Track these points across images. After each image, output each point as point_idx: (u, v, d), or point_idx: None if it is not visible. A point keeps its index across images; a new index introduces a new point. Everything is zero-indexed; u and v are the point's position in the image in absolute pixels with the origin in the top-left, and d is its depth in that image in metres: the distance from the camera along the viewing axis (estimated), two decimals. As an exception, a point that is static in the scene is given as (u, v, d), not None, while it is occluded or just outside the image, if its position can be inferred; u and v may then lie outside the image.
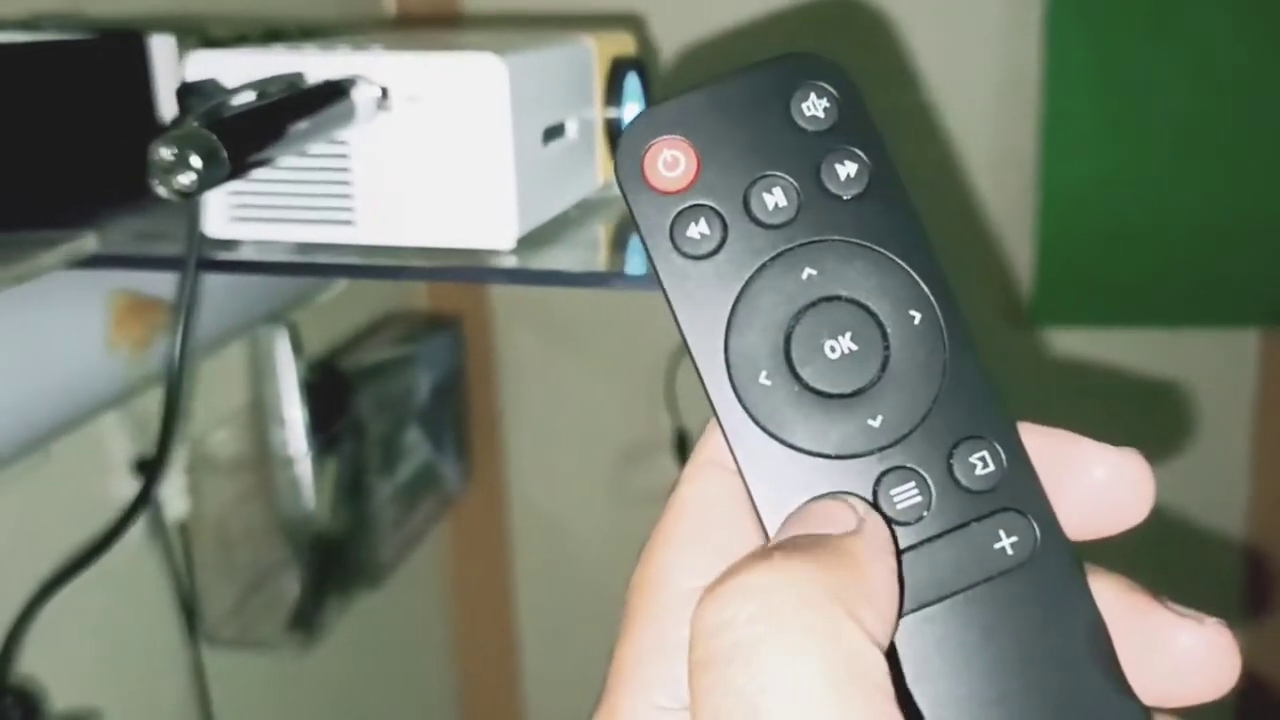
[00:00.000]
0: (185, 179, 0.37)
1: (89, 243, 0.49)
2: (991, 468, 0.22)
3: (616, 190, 0.23)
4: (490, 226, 0.50)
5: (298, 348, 0.87)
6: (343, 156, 0.49)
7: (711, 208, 0.23)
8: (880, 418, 0.23)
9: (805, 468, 0.23)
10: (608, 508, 1.23)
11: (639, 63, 0.62)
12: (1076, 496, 0.23)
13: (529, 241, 0.53)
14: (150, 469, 0.55)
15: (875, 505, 0.23)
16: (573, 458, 1.24)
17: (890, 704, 0.19)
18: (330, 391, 0.94)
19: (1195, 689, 0.22)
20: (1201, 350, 1.13)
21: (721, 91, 0.24)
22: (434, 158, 0.49)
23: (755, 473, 0.23)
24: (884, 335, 0.23)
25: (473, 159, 0.49)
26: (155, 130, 0.57)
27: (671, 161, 0.23)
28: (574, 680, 1.27)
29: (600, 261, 0.57)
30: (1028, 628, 0.22)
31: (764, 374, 0.23)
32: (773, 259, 0.23)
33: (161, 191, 0.37)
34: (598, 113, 0.59)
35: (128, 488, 0.72)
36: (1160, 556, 1.14)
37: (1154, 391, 1.15)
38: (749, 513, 0.23)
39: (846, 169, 0.23)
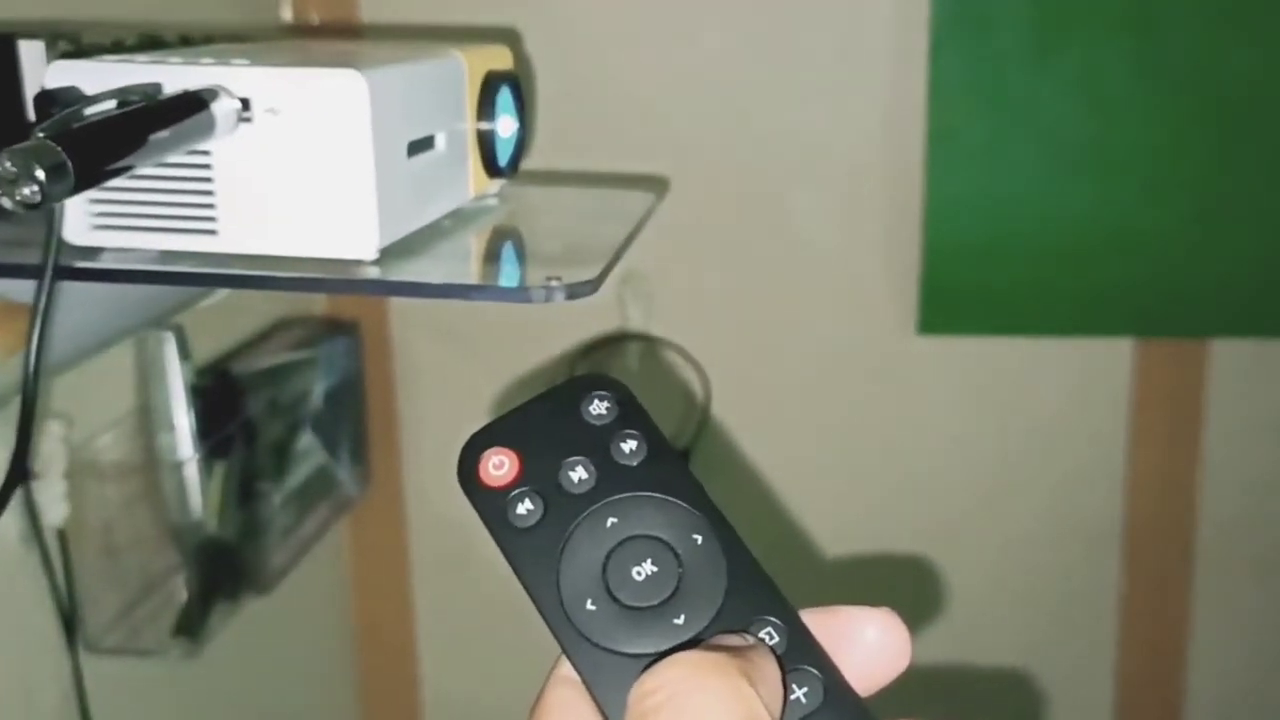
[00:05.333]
0: (28, 190, 0.37)
1: (-55, 250, 0.49)
2: (778, 638, 0.29)
3: (490, 201, 0.26)
4: (352, 237, 0.51)
5: (185, 352, 0.86)
6: (205, 166, 0.50)
7: (534, 491, 0.30)
8: (683, 616, 0.29)
9: (631, 666, 0.28)
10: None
11: (512, 76, 0.63)
12: (856, 656, 0.29)
13: (396, 252, 0.54)
14: (6, 484, 0.55)
15: None
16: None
17: None
18: (220, 396, 0.94)
19: None
20: (1079, 357, 1.18)
21: (532, 408, 0.31)
22: (296, 169, 0.49)
23: (593, 677, 0.28)
24: (676, 556, 0.30)
25: (334, 171, 0.49)
26: (23, 136, 0.57)
27: (499, 464, 0.30)
28: (473, 684, 1.28)
29: (471, 273, 0.58)
30: None
31: (589, 601, 0.29)
32: (585, 517, 0.30)
33: (6, 203, 0.38)
34: (470, 125, 0.60)
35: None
36: (1038, 538, 1.20)
37: (1033, 395, 1.20)
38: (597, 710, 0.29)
39: (629, 445, 0.31)
